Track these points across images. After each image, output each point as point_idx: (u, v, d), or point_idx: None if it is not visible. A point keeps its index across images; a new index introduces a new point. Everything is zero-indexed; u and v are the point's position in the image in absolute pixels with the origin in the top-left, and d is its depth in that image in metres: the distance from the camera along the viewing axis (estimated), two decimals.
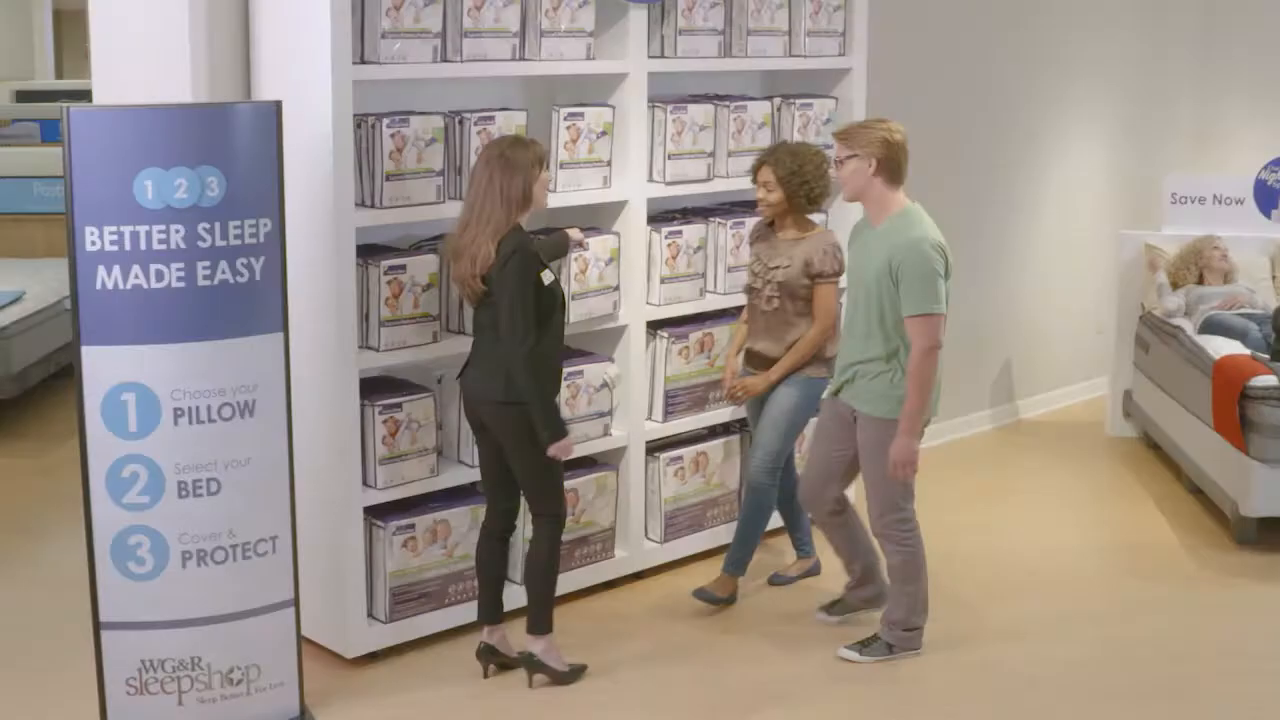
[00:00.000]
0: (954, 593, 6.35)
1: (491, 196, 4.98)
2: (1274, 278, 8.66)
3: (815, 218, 6.20)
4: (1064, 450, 8.73)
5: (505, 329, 5.03)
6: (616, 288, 6.07)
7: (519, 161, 4.98)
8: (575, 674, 5.43)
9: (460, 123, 5.47)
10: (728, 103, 6.42)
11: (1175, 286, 8.46)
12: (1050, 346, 9.46)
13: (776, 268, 5.92)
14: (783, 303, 5.92)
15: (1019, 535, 7.30)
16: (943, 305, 5.27)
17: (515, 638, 5.50)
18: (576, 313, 5.90)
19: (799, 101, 6.68)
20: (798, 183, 5.86)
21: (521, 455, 5.18)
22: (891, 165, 5.29)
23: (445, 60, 5.39)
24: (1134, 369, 8.79)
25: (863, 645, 5.68)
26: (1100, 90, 9.51)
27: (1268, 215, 8.79)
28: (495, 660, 5.45)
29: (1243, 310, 8.06)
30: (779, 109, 6.66)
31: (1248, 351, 7.42)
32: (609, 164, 5.99)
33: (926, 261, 5.24)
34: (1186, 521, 7.48)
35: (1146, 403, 8.57)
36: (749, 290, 6.09)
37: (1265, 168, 8.77)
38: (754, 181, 6.01)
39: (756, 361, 6.07)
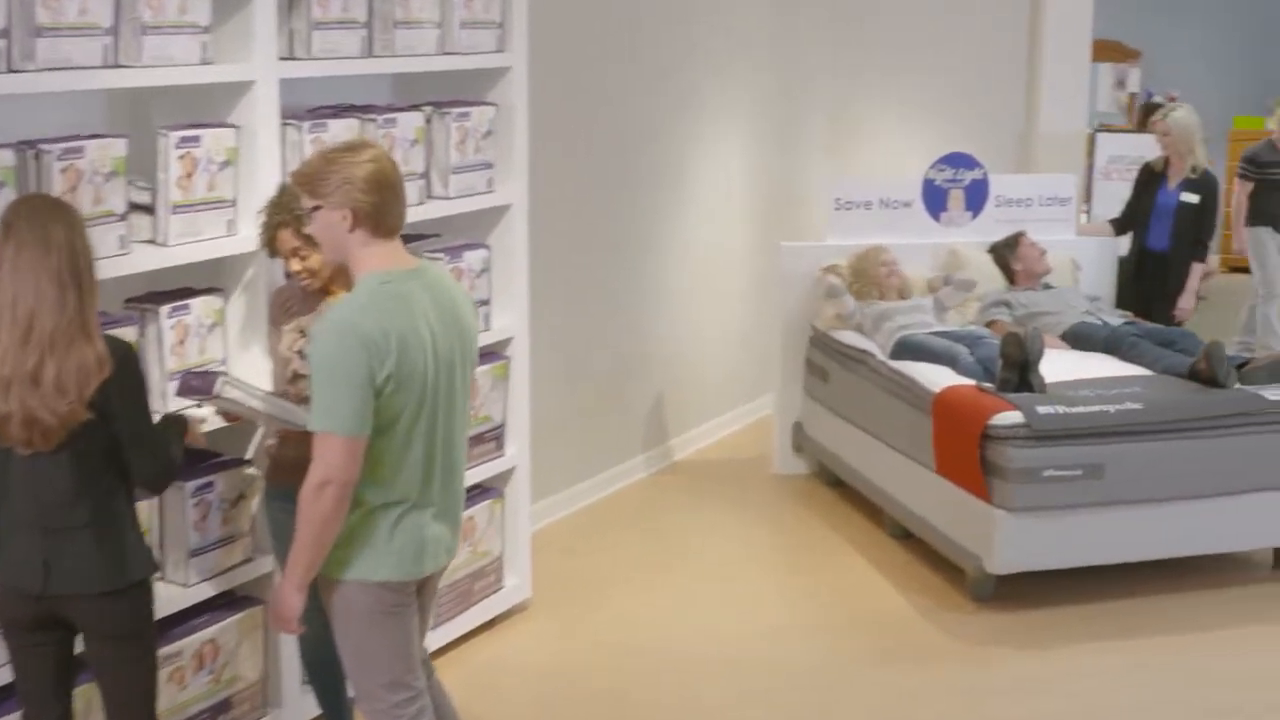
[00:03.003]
0: None
1: (54, 288, 3.41)
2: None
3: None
4: (734, 495, 7.63)
5: (139, 454, 3.54)
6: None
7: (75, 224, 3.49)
8: None
9: (38, 157, 3.79)
10: (374, 116, 4.94)
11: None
12: (704, 375, 8.38)
13: None
14: None
15: (709, 620, 6.10)
16: (352, 423, 3.56)
17: None
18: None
19: (454, 111, 5.28)
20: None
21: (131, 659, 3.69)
22: (374, 211, 3.66)
23: (12, 70, 3.70)
24: (805, 398, 7.79)
25: None
26: (739, 91, 8.46)
27: (937, 219, 7.95)
28: None
29: (936, 330, 7.15)
30: (430, 120, 5.23)
31: (968, 381, 6.48)
32: (234, 204, 4.41)
33: (325, 357, 3.59)
34: (908, 578, 6.50)
35: (826, 437, 7.58)
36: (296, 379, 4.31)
37: (933, 166, 7.92)
38: (276, 254, 4.30)
39: (283, 474, 4.26)
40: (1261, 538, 6.49)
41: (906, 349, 6.99)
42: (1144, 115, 11.97)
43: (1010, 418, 5.97)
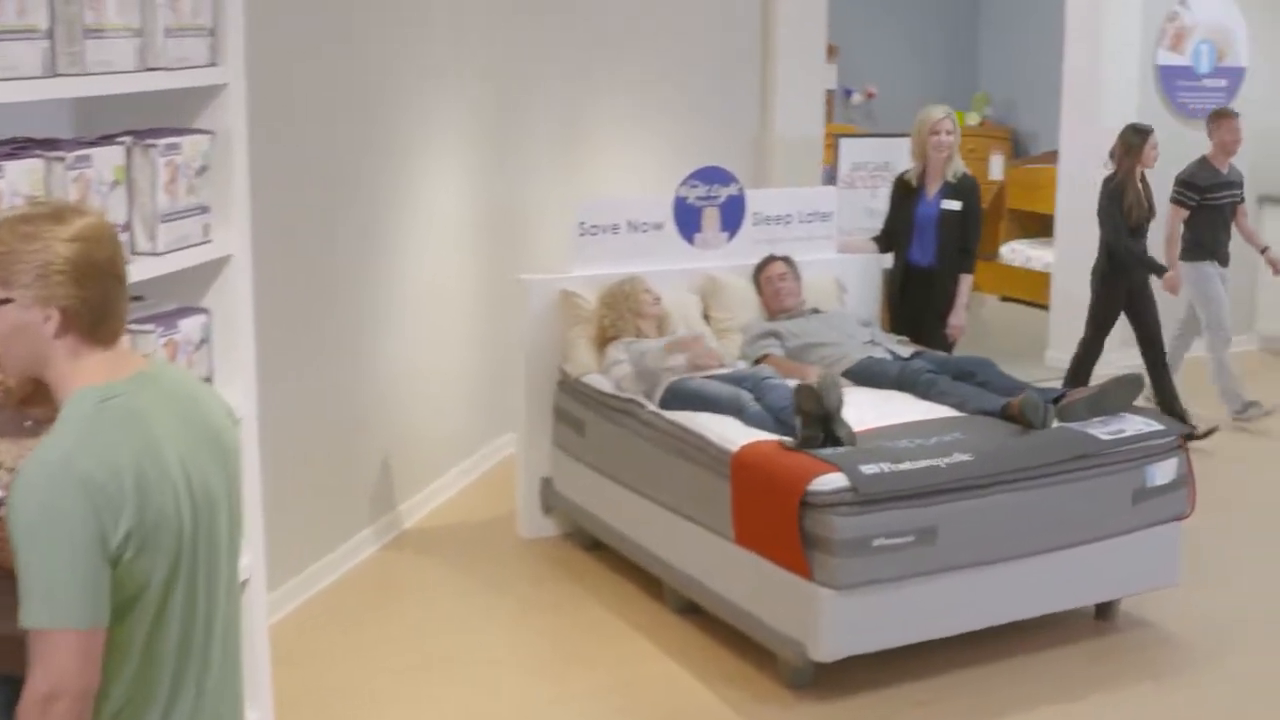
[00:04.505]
0: None
1: None
2: (707, 319, 6.98)
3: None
4: (480, 569, 6.60)
5: None
6: None
7: None
8: None
9: None
10: (61, 154, 3.73)
11: (607, 341, 6.58)
12: (433, 428, 7.32)
13: None
14: None
15: None
16: (83, 611, 2.43)
17: None
18: None
19: (162, 142, 4.09)
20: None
21: None
22: (91, 310, 2.56)
23: None
24: (555, 451, 6.83)
25: None
26: (461, 106, 7.41)
27: (691, 241, 7.08)
28: None
29: (712, 373, 6.29)
30: (132, 155, 4.04)
31: (762, 434, 5.63)
32: None
33: (33, 518, 2.44)
34: (706, 664, 5.62)
35: (583, 496, 6.64)
36: None
37: (684, 183, 7.05)
38: None
39: None
40: (1096, 591, 5.85)
41: (680, 397, 6.11)
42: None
43: (832, 481, 5.13)
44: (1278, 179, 10.61)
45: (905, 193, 7.54)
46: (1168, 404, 8.21)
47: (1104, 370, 8.05)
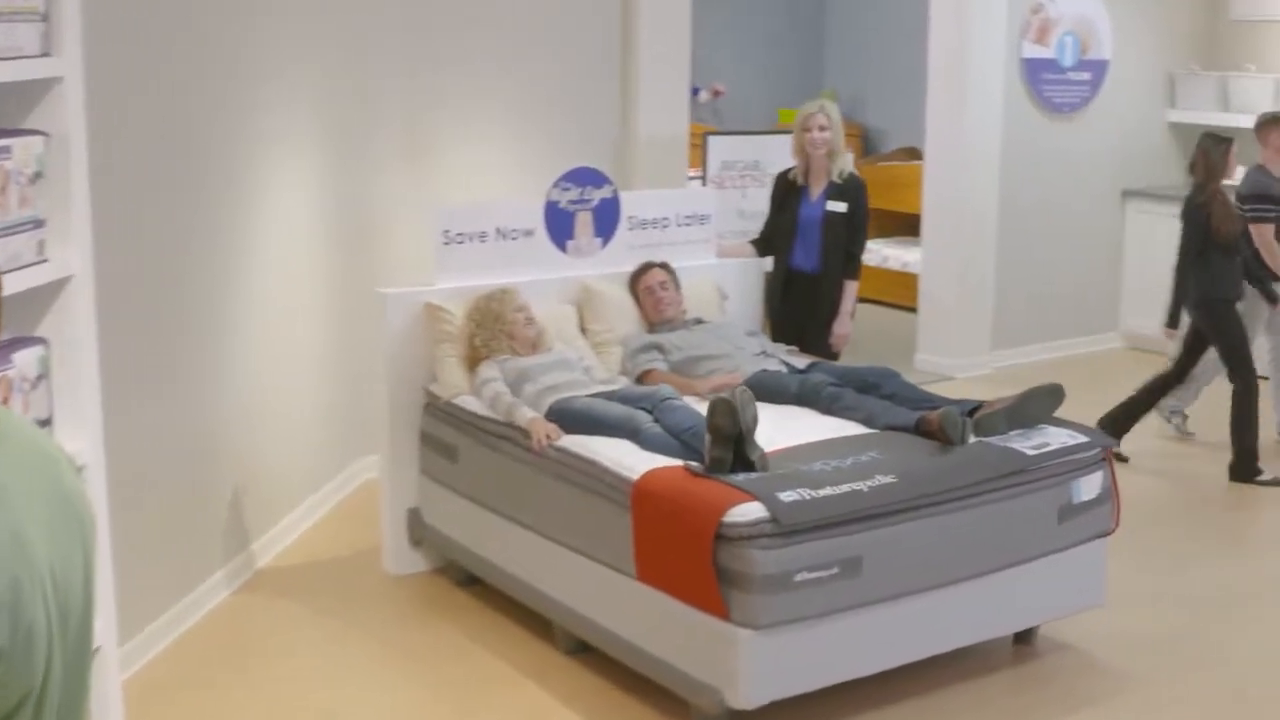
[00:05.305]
0: None
1: None
2: (584, 331, 6.49)
3: None
4: (349, 612, 6.01)
5: None
6: None
7: None
8: None
9: None
10: None
11: (477, 361, 6.06)
12: (287, 457, 6.71)
13: None
14: None
15: None
16: None
17: None
18: None
19: None
20: None
21: None
22: None
23: None
24: (424, 479, 6.28)
25: None
26: (308, 106, 6.80)
27: (563, 249, 6.57)
28: None
29: (598, 391, 5.80)
30: None
31: (665, 459, 5.15)
32: None
33: None
34: (606, 712, 5.14)
35: (457, 528, 6.11)
36: None
37: (555, 185, 6.53)
38: None
39: None
40: (1025, 616, 5.48)
41: (566, 418, 5.60)
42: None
43: (749, 511, 4.65)
44: (1142, 172, 10.44)
45: (788, 192, 7.11)
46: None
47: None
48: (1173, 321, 7.66)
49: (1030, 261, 9.95)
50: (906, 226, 11.84)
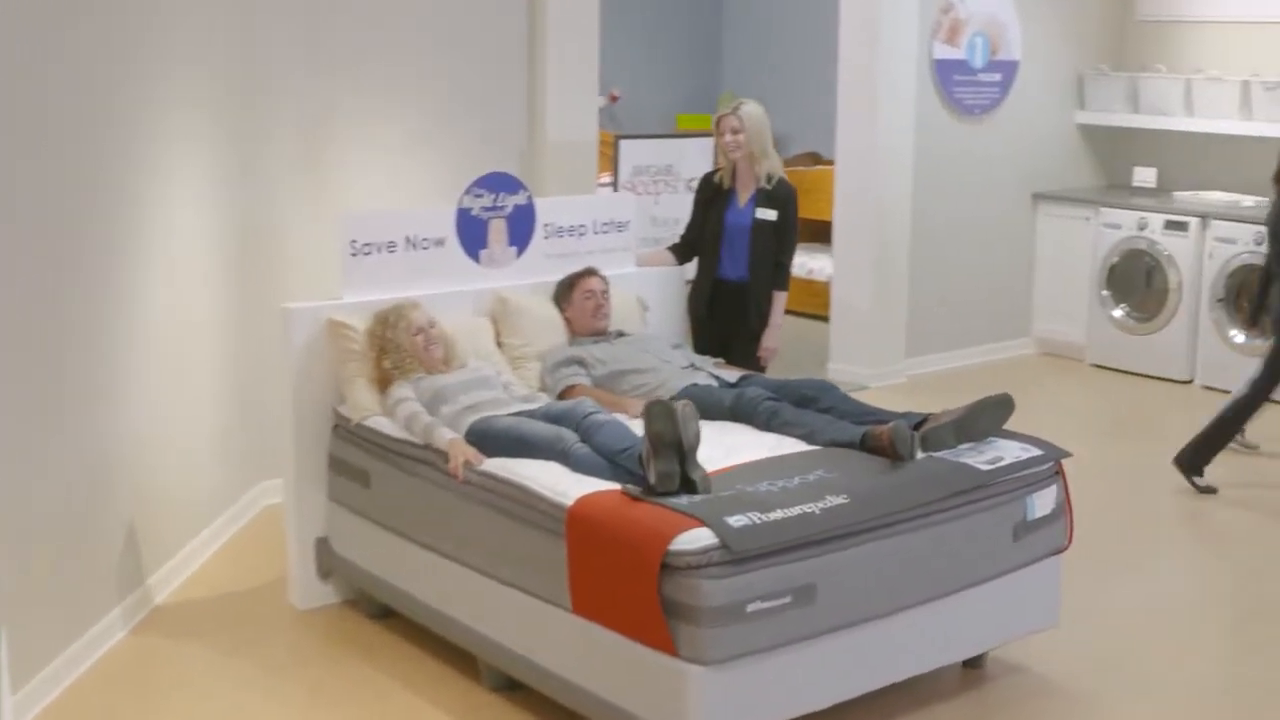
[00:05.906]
0: None
1: None
2: (500, 345, 6.14)
3: None
4: (257, 651, 5.60)
5: None
6: None
7: None
8: None
9: None
10: None
11: (388, 382, 5.69)
12: (182, 485, 6.29)
13: None
14: None
15: None
16: None
17: None
18: None
19: None
20: None
21: None
22: None
23: None
24: (332, 506, 5.89)
25: None
26: (192, 107, 6.38)
27: (477, 258, 6.22)
28: None
29: (519, 410, 5.46)
30: None
31: (598, 482, 4.82)
32: None
33: None
34: None
35: (369, 558, 5.73)
36: None
37: (468, 192, 6.17)
38: None
39: None
40: (980, 639, 5.21)
41: (488, 440, 5.25)
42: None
43: (696, 538, 4.33)
44: (1054, 175, 10.29)
45: (713, 196, 6.80)
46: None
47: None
48: (1254, 322, 7.58)
49: (943, 267, 9.74)
50: (811, 233, 11.58)
